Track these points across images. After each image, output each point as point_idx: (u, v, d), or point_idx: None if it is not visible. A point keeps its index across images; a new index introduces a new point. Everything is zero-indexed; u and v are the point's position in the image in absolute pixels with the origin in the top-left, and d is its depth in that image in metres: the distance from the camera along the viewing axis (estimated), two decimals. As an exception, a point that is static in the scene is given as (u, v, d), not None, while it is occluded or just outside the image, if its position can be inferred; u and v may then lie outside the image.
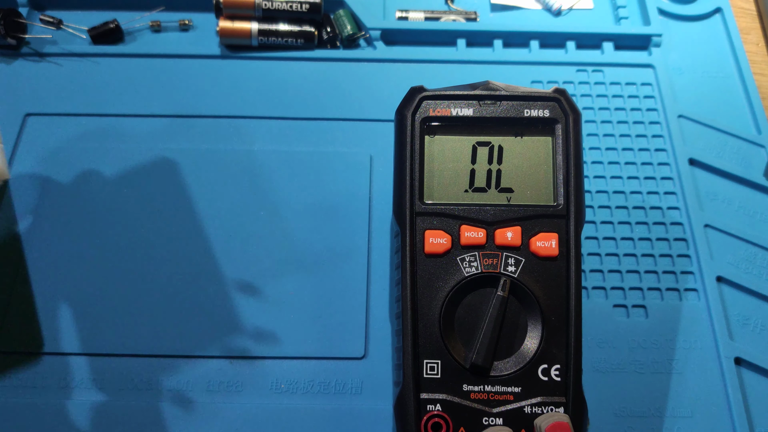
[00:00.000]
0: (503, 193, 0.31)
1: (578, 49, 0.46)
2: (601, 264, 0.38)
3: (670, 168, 0.41)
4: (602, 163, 0.41)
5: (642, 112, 0.43)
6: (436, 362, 0.29)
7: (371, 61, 0.45)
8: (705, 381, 0.35)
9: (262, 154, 0.41)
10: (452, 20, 0.47)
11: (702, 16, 0.48)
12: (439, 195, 0.30)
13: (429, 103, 0.31)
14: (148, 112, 0.43)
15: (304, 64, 0.45)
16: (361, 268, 0.38)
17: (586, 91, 0.44)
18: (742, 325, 0.37)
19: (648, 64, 0.45)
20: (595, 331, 0.36)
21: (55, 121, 0.43)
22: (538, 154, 0.31)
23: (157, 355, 0.35)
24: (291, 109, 0.43)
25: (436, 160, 0.31)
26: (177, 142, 0.41)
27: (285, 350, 0.35)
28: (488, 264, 0.29)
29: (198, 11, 0.47)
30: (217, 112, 0.43)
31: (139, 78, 0.44)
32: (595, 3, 0.49)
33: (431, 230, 0.30)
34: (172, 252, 0.38)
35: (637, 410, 0.34)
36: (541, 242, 0.29)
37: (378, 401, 0.34)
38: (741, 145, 0.42)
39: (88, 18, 0.46)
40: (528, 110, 0.31)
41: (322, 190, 0.40)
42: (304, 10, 0.45)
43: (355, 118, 0.43)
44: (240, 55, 0.45)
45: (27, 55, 0.45)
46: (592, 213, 0.40)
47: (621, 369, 0.35)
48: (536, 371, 0.29)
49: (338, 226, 0.39)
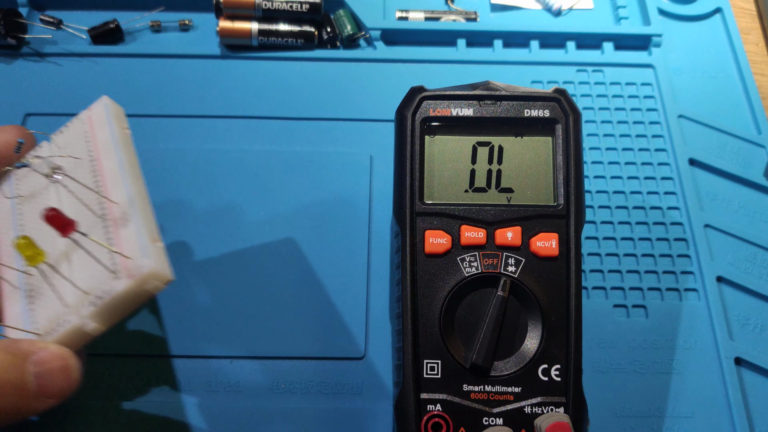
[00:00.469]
0: (503, 193, 0.31)
1: (578, 49, 0.46)
2: (601, 264, 0.38)
3: (670, 168, 0.41)
4: (602, 163, 0.41)
5: (642, 112, 0.43)
6: (437, 362, 0.29)
7: (371, 61, 0.45)
8: (705, 381, 0.35)
9: (262, 154, 0.41)
10: (452, 20, 0.47)
11: (702, 16, 0.48)
12: (439, 195, 0.30)
13: (429, 103, 0.31)
14: (148, 112, 0.43)
15: (304, 64, 0.45)
16: (361, 268, 0.38)
17: (586, 91, 0.44)
18: (742, 325, 0.37)
19: (648, 64, 0.45)
20: (595, 331, 0.36)
21: (55, 121, 0.42)
22: (538, 154, 0.31)
23: (157, 356, 0.35)
24: (291, 109, 0.43)
25: (436, 160, 0.31)
26: (177, 142, 0.41)
27: (285, 350, 0.35)
28: (488, 264, 0.29)
29: (198, 11, 0.47)
30: (217, 112, 0.43)
31: (139, 78, 0.44)
32: (595, 3, 0.49)
33: (431, 230, 0.30)
34: (171, 251, 0.38)
35: (637, 410, 0.34)
36: (542, 242, 0.29)
37: (378, 401, 0.34)
38: (741, 145, 0.42)
39: (88, 18, 0.46)
40: (528, 110, 0.31)
41: (322, 190, 0.40)
42: (304, 10, 0.45)
43: (355, 118, 0.43)
44: (240, 55, 0.45)
45: (27, 55, 0.45)
46: (592, 213, 0.40)
47: (621, 369, 0.35)
48: (536, 371, 0.29)
49: (338, 226, 0.39)
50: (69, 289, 0.26)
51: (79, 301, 0.26)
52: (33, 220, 0.29)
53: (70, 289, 0.26)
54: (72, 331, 0.26)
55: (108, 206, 0.27)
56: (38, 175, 0.30)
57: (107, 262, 0.26)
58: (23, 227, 0.29)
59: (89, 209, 0.28)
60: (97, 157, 0.29)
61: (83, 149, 0.30)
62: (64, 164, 0.30)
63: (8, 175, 0.31)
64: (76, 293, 0.26)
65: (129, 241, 0.26)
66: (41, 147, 0.31)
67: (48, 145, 0.31)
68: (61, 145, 0.30)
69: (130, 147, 0.30)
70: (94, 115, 0.31)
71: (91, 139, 0.30)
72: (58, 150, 0.30)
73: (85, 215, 0.28)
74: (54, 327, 0.26)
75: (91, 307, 0.25)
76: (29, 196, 0.30)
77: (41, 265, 0.27)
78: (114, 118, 0.30)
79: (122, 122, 0.31)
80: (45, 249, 0.28)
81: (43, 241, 0.28)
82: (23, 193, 0.30)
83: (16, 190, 0.30)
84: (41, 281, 0.27)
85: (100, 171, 0.29)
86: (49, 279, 0.27)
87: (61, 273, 0.27)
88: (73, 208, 0.28)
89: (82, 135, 0.30)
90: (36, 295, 0.27)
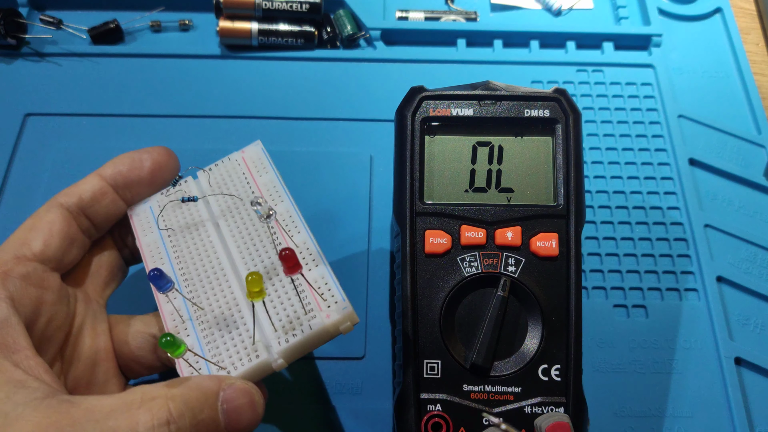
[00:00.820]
0: (503, 193, 0.31)
1: (578, 49, 0.46)
2: (601, 264, 0.38)
3: (670, 168, 0.41)
4: (602, 163, 0.41)
5: (642, 112, 0.43)
6: (437, 362, 0.29)
7: (371, 61, 0.45)
8: (705, 381, 0.35)
9: (262, 154, 0.41)
10: (452, 20, 0.47)
11: (702, 16, 0.48)
12: (439, 195, 0.30)
13: (429, 103, 0.31)
14: (148, 112, 0.43)
15: (304, 64, 0.45)
16: (361, 268, 0.38)
17: (586, 91, 0.44)
18: (742, 325, 0.37)
19: (648, 64, 0.45)
20: (595, 331, 0.36)
21: (55, 121, 0.43)
22: (539, 154, 0.31)
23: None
24: (291, 109, 0.43)
25: (436, 160, 0.31)
26: (177, 142, 0.41)
27: (285, 350, 0.35)
28: (488, 264, 0.29)
29: (198, 11, 0.47)
30: (217, 112, 0.43)
31: (139, 78, 0.44)
32: (595, 3, 0.49)
33: (431, 230, 0.30)
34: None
35: (637, 410, 0.34)
36: (542, 242, 0.29)
37: (378, 401, 0.34)
38: (741, 145, 0.42)
39: (88, 18, 0.46)
40: (528, 110, 0.31)
41: (322, 190, 0.40)
42: (304, 10, 0.45)
43: (355, 118, 0.43)
44: (240, 55, 0.45)
45: (27, 55, 0.45)
46: (592, 213, 0.40)
47: (621, 369, 0.35)
48: (536, 371, 0.29)
49: (338, 226, 0.39)
50: (262, 324, 0.27)
51: (269, 338, 0.27)
52: (189, 253, 0.30)
53: (262, 325, 0.27)
54: (258, 366, 0.26)
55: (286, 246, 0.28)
56: (191, 208, 0.31)
57: (303, 301, 0.27)
58: (180, 256, 0.30)
59: (263, 248, 0.29)
60: (261, 195, 0.30)
61: (242, 189, 0.31)
62: (221, 203, 0.31)
63: (147, 205, 0.31)
64: (267, 329, 0.27)
65: (324, 284, 0.27)
66: (186, 182, 0.32)
67: (194, 180, 0.32)
68: (212, 183, 0.31)
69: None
70: (248, 157, 0.32)
71: (251, 180, 0.31)
72: (210, 189, 0.31)
73: (258, 253, 0.29)
74: (236, 361, 0.27)
75: (285, 344, 0.26)
76: (181, 229, 0.30)
77: (229, 299, 0.28)
78: (271, 162, 0.31)
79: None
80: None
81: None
82: (172, 226, 0.30)
83: (162, 221, 0.31)
84: (221, 315, 0.28)
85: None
86: (238, 314, 0.28)
87: (254, 310, 0.27)
88: (238, 246, 0.29)
89: (240, 175, 0.31)
90: (212, 327, 0.28)
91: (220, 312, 0.28)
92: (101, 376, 0.29)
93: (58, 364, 0.28)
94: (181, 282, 0.29)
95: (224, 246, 0.30)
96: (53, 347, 0.27)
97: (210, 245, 0.30)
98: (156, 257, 0.30)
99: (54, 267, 0.28)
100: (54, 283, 0.28)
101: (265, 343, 0.27)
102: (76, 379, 0.28)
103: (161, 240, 0.30)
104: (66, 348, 0.28)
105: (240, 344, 0.27)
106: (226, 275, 0.29)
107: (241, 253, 0.29)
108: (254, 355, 0.27)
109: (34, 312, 0.26)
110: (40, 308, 0.27)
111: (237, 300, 0.28)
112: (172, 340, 0.24)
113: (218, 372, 0.26)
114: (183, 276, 0.29)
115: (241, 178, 0.31)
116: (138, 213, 0.31)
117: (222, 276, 0.29)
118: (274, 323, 0.27)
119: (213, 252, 0.30)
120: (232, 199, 0.31)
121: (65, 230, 0.28)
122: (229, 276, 0.29)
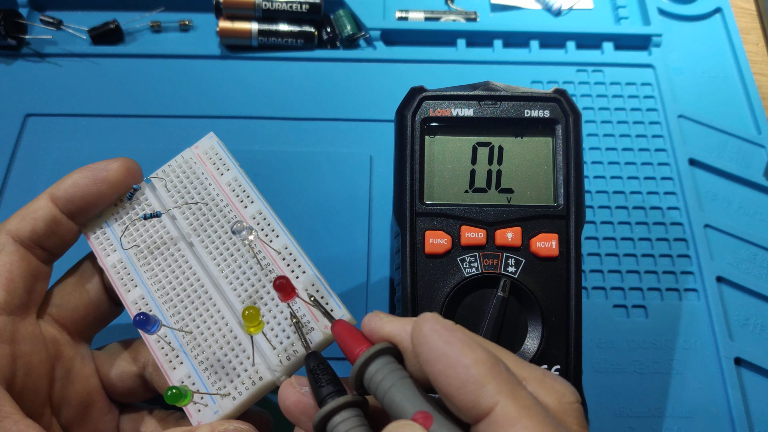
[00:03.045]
0: (503, 194, 0.31)
1: (578, 49, 0.46)
2: (601, 264, 0.38)
3: (670, 168, 0.41)
4: (602, 163, 0.41)
5: (642, 112, 0.43)
6: (437, 362, 0.29)
7: (371, 61, 0.45)
8: (705, 381, 0.35)
9: (262, 154, 0.41)
10: (452, 20, 0.47)
11: (702, 16, 0.48)
12: (439, 195, 0.30)
13: (429, 103, 0.31)
14: (148, 112, 0.43)
15: (304, 64, 0.45)
16: (361, 268, 0.38)
17: (586, 91, 0.44)
18: (742, 325, 0.37)
19: (648, 64, 0.45)
20: (595, 331, 0.36)
21: (55, 121, 0.43)
22: (539, 155, 0.31)
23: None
24: (291, 109, 0.43)
25: (436, 160, 0.31)
26: (177, 142, 0.41)
27: (285, 350, 0.35)
28: (488, 264, 0.29)
29: (198, 11, 0.47)
30: (217, 113, 0.43)
31: (139, 78, 0.44)
32: (595, 3, 0.49)
33: (431, 231, 0.30)
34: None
35: (637, 410, 0.34)
36: (542, 243, 0.29)
37: (378, 401, 0.34)
38: (741, 145, 0.42)
39: (88, 18, 0.46)
40: (528, 110, 0.31)
41: (322, 190, 0.40)
42: (304, 10, 0.45)
43: (355, 118, 0.43)
44: (240, 55, 0.45)
45: (27, 55, 0.45)
46: (592, 213, 0.40)
47: (621, 369, 0.35)
48: (536, 371, 0.29)
49: (338, 226, 0.39)
50: (260, 345, 0.27)
51: (269, 358, 0.26)
52: (165, 275, 0.28)
53: (261, 346, 0.27)
54: (262, 388, 0.26)
55: (268, 251, 0.28)
56: (156, 225, 0.28)
57: (302, 320, 0.27)
58: (155, 279, 0.28)
59: (245, 263, 0.28)
60: (229, 200, 0.28)
61: (204, 192, 0.28)
62: (188, 214, 0.28)
63: (103, 220, 0.29)
64: (266, 349, 0.26)
65: (315, 291, 0.27)
66: (144, 194, 0.29)
67: (151, 189, 0.29)
68: (170, 189, 0.29)
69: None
70: (203, 153, 0.29)
71: (212, 181, 0.28)
72: (169, 195, 0.28)
73: (242, 270, 0.28)
74: (239, 385, 0.26)
75: (287, 362, 0.26)
76: (149, 247, 0.28)
77: (217, 319, 0.27)
78: (231, 157, 0.29)
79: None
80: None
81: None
82: (137, 243, 0.28)
83: (124, 238, 0.28)
84: (213, 338, 0.27)
85: (239, 214, 0.28)
86: (230, 333, 0.27)
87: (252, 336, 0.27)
88: (218, 263, 0.28)
89: (199, 176, 0.29)
90: (206, 352, 0.27)
91: (210, 335, 0.27)
92: (95, 414, 0.28)
93: (48, 410, 0.26)
94: (161, 306, 0.27)
95: (201, 263, 0.28)
96: (39, 396, 0.26)
97: (185, 263, 0.28)
98: (126, 279, 0.28)
99: (23, 313, 0.26)
100: (26, 330, 0.26)
101: (266, 363, 0.26)
102: (70, 421, 0.27)
103: (128, 260, 0.28)
104: (53, 392, 0.27)
105: (239, 366, 0.26)
106: (209, 294, 0.27)
107: (222, 272, 0.28)
108: (257, 378, 0.26)
109: (11, 369, 0.25)
110: (16, 363, 0.25)
111: (227, 320, 0.27)
112: (177, 393, 0.24)
113: (222, 400, 0.26)
114: (162, 299, 0.28)
115: (201, 179, 0.29)
116: (94, 230, 0.29)
117: (205, 295, 0.27)
118: (274, 344, 0.26)
119: (190, 270, 0.28)
120: (200, 207, 0.28)
121: (25, 269, 0.26)
122: (213, 295, 0.27)
